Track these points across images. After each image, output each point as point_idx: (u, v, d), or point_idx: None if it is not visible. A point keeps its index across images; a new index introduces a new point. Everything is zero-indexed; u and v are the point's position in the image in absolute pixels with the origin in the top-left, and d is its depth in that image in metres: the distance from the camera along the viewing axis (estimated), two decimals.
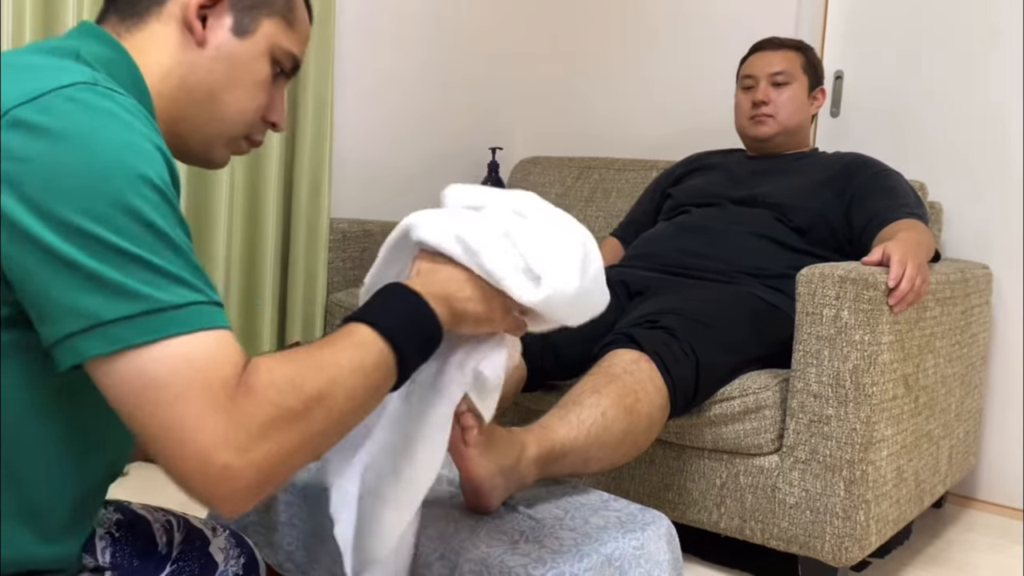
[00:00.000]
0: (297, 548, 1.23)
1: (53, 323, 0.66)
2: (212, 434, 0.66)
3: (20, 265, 0.66)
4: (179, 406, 0.65)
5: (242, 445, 0.67)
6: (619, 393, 1.43)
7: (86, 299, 0.65)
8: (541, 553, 1.04)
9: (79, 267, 0.65)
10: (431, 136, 2.99)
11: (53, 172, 0.66)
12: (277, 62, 0.91)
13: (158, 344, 0.66)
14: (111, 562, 0.89)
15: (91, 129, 0.68)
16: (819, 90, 2.19)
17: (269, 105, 0.92)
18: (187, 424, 0.65)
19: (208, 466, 0.66)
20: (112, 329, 0.65)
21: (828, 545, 1.61)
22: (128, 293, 0.66)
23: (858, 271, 1.59)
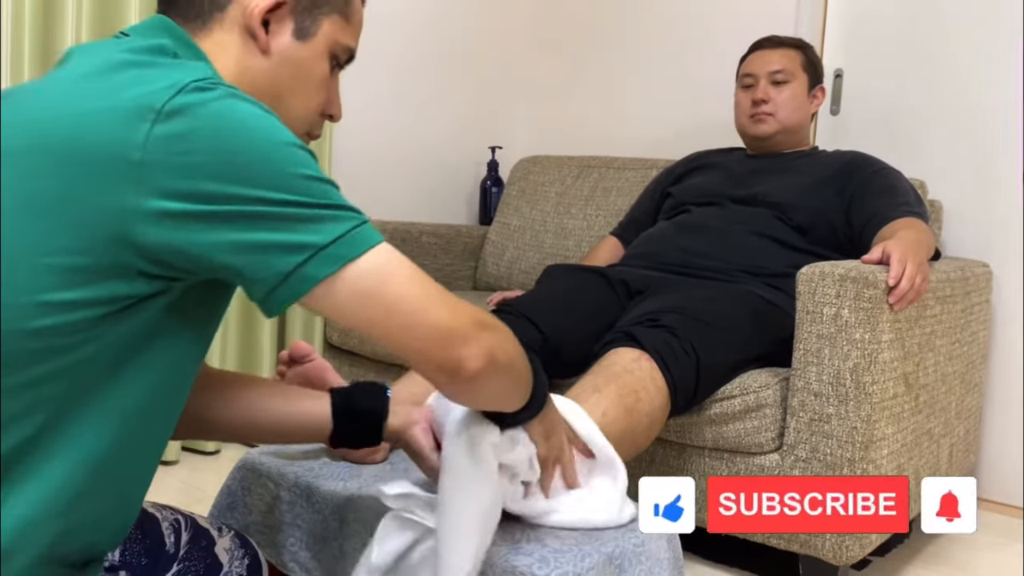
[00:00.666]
0: (300, 549, 1.23)
1: (270, 266, 0.72)
2: (455, 306, 0.79)
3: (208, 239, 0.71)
4: (416, 287, 0.77)
5: (478, 316, 0.81)
6: (620, 392, 1.43)
7: (298, 233, 0.73)
8: (543, 552, 1.04)
9: (279, 217, 0.72)
10: (431, 135, 2.99)
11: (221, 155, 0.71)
12: (334, 57, 0.92)
13: (368, 254, 0.75)
14: (121, 560, 0.89)
15: (233, 114, 0.73)
16: (819, 88, 2.19)
17: (327, 100, 0.94)
18: (436, 304, 0.77)
19: (463, 327, 0.78)
20: (329, 250, 0.73)
21: (829, 543, 1.61)
22: (328, 219, 0.74)
23: (858, 270, 1.59)
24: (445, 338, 0.77)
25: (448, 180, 3.10)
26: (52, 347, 0.71)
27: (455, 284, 2.87)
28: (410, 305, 0.76)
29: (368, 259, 0.75)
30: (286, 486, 1.26)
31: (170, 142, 0.70)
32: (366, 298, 0.75)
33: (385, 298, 0.76)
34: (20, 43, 1.99)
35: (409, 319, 0.76)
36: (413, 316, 0.76)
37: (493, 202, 3.05)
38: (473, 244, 2.93)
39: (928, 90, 2.41)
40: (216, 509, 1.34)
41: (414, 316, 0.77)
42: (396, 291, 0.76)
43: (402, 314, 0.76)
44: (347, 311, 0.76)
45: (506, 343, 0.84)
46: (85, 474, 0.75)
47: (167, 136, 0.70)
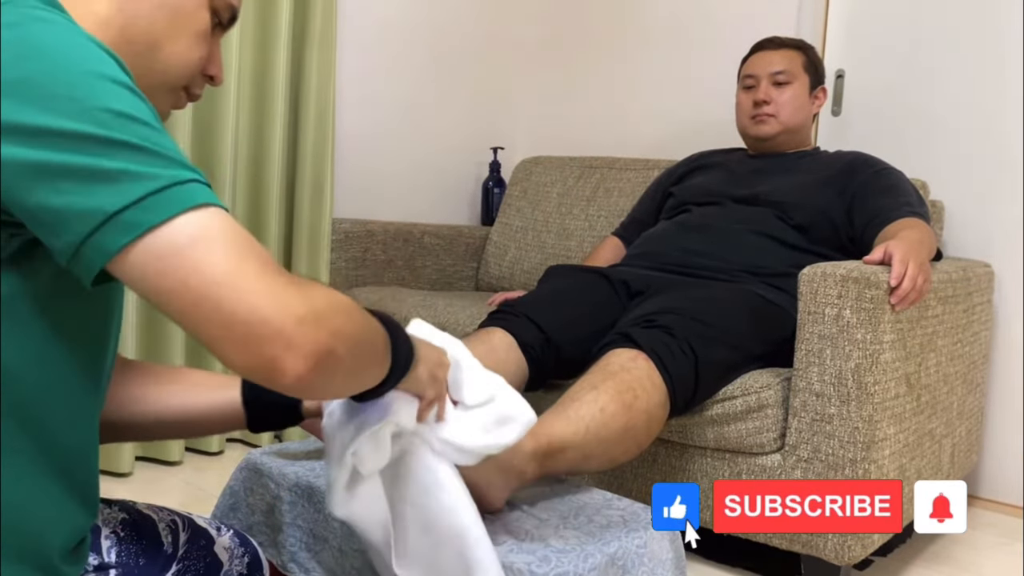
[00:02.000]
0: (301, 549, 1.23)
1: (67, 232, 0.64)
2: (277, 288, 0.65)
3: (13, 188, 0.64)
4: (236, 265, 0.64)
5: (312, 302, 0.66)
6: (617, 389, 1.43)
7: (91, 197, 0.63)
8: (546, 552, 1.04)
9: (74, 168, 0.63)
10: (433, 136, 3.00)
11: (19, 84, 0.64)
12: (216, 12, 0.88)
13: (181, 217, 0.64)
14: (116, 561, 0.89)
15: (44, 37, 0.67)
16: (820, 89, 2.19)
17: (208, 57, 0.89)
18: (249, 280, 0.64)
19: (277, 318, 0.64)
20: (128, 214, 0.63)
21: (831, 543, 1.61)
22: (130, 177, 0.64)
23: (860, 270, 1.59)
24: (253, 333, 0.63)
25: (450, 181, 3.10)
26: None
27: (457, 285, 2.87)
28: (216, 289, 0.63)
29: (174, 228, 0.64)
30: (287, 486, 1.26)
31: None
32: (163, 276, 0.63)
33: (183, 270, 0.63)
34: None
35: (207, 301, 0.63)
36: (217, 303, 0.63)
37: (495, 203, 3.06)
38: (475, 245, 2.93)
39: (929, 91, 2.41)
40: (219, 510, 1.34)
41: (215, 299, 0.63)
42: (199, 263, 0.63)
43: (205, 300, 0.63)
44: (145, 289, 0.64)
45: (348, 324, 0.70)
46: None
47: None
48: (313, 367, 0.65)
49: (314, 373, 0.66)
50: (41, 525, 0.75)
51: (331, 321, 0.68)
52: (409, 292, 2.46)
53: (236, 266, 0.64)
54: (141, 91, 0.76)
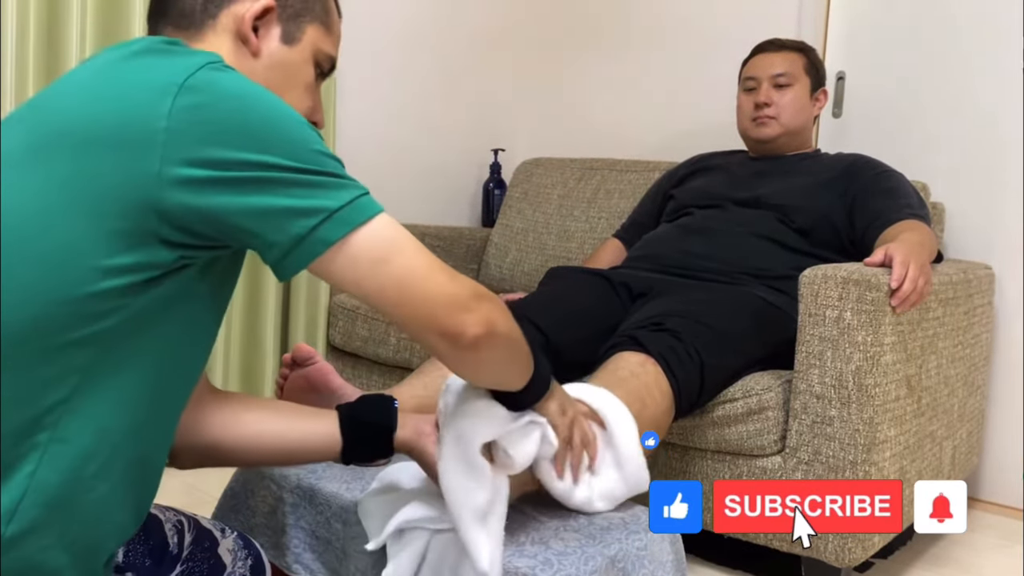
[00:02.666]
0: (304, 551, 1.23)
1: (285, 230, 0.77)
2: (457, 278, 0.84)
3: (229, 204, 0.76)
4: (420, 255, 0.82)
5: (477, 289, 0.85)
6: (626, 399, 1.43)
7: (311, 198, 0.77)
8: (547, 555, 1.04)
9: (300, 182, 0.77)
10: (434, 138, 3.00)
11: (241, 125, 0.76)
12: (318, 64, 0.98)
13: (374, 221, 0.80)
14: (124, 561, 0.90)
15: (248, 90, 0.80)
16: (821, 91, 2.19)
17: (314, 106, 0.99)
18: (432, 268, 0.82)
19: (463, 296, 0.83)
20: (340, 215, 0.78)
21: (832, 546, 1.61)
22: (339, 186, 0.79)
23: (861, 272, 1.59)
24: (448, 304, 0.82)
25: (451, 182, 3.10)
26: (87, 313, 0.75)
27: None
28: (417, 272, 0.81)
29: (375, 226, 0.79)
30: (288, 488, 1.26)
31: (192, 112, 0.75)
32: (376, 264, 0.79)
33: (393, 265, 0.80)
34: (24, 56, 1.99)
35: (416, 285, 0.80)
36: (420, 283, 0.81)
37: (496, 204, 3.06)
38: (476, 246, 2.93)
39: (930, 93, 2.41)
40: (220, 511, 1.34)
41: (421, 283, 0.81)
42: (403, 259, 0.80)
43: (409, 281, 0.80)
44: (356, 276, 0.79)
45: (504, 315, 0.88)
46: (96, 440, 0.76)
47: (190, 107, 0.75)
48: (484, 332, 0.84)
49: (485, 337, 0.84)
50: (106, 527, 0.80)
51: (494, 305, 0.87)
52: None
53: (427, 261, 0.82)
54: None
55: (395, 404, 1.10)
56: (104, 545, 0.80)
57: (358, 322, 2.40)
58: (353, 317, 2.42)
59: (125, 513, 0.81)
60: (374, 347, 2.36)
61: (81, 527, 0.76)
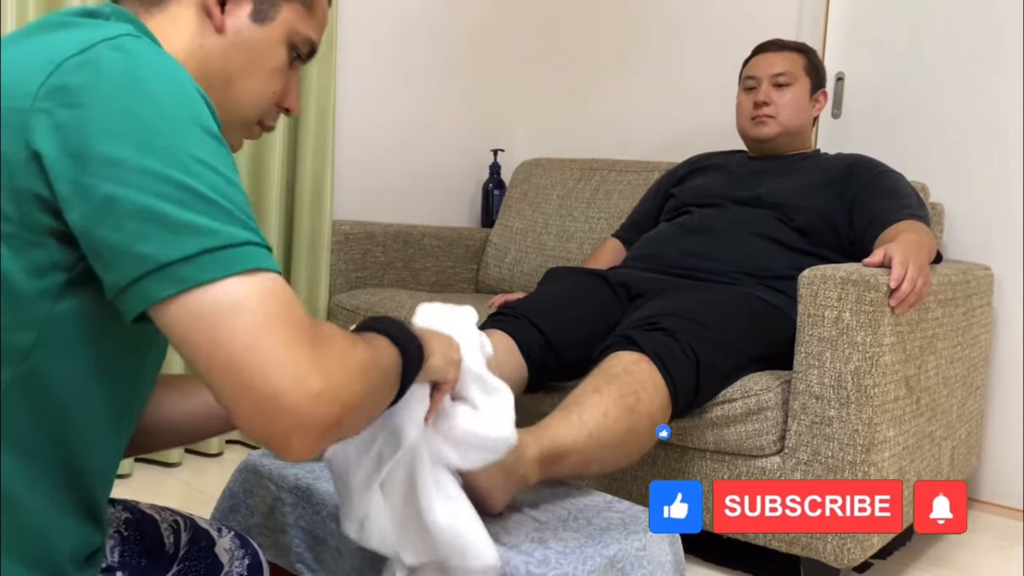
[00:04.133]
0: (304, 550, 1.23)
1: (117, 270, 0.65)
2: (298, 364, 0.65)
3: (83, 217, 0.66)
4: (265, 336, 0.65)
5: (329, 376, 0.66)
6: (620, 393, 1.43)
7: (148, 242, 0.64)
8: (546, 554, 1.04)
9: (139, 207, 0.64)
10: (433, 138, 3.00)
11: (110, 118, 0.66)
12: (294, 47, 0.90)
13: (229, 280, 0.65)
14: (119, 561, 0.89)
15: (144, 76, 0.69)
16: (821, 92, 2.19)
17: (284, 90, 0.91)
18: (275, 353, 0.64)
19: (293, 395, 0.64)
20: (179, 269, 0.64)
21: (831, 546, 1.61)
22: (190, 229, 0.65)
23: (860, 273, 1.59)
24: (268, 406, 0.65)
25: (450, 183, 3.10)
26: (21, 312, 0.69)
27: (457, 286, 2.87)
28: (241, 351, 0.64)
29: (221, 287, 0.65)
30: (287, 488, 1.26)
31: (60, 93, 0.67)
32: (196, 324, 0.65)
33: (215, 333, 0.64)
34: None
35: (232, 367, 0.64)
36: (237, 367, 0.64)
37: (495, 204, 3.06)
38: (475, 247, 2.93)
39: (930, 93, 2.41)
40: (218, 512, 1.34)
41: (239, 367, 0.64)
42: (231, 330, 0.64)
43: (225, 358, 0.64)
44: (177, 340, 0.66)
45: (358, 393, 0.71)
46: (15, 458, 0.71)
47: (58, 87, 0.67)
48: (318, 442, 0.67)
49: (318, 446, 0.68)
50: (52, 533, 0.75)
51: (346, 392, 0.68)
52: (409, 294, 2.47)
53: (262, 338, 0.65)
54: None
55: None
56: (61, 549, 0.76)
57: (357, 322, 2.40)
58: (353, 317, 2.42)
59: (73, 518, 0.77)
60: None
61: (26, 540, 0.73)
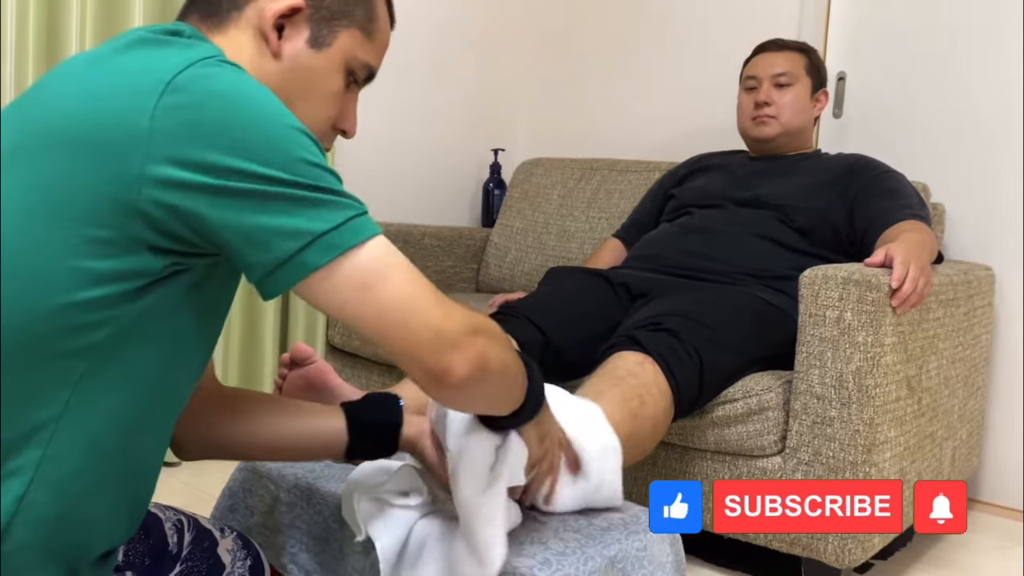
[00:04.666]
0: (300, 551, 1.23)
1: (274, 248, 0.72)
2: (449, 309, 0.77)
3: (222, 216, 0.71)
4: (411, 285, 0.75)
5: (471, 322, 0.78)
6: (624, 397, 1.43)
7: (300, 219, 0.72)
8: (546, 555, 1.04)
9: (286, 197, 0.72)
10: (433, 137, 3.00)
11: (228, 134, 0.71)
12: (352, 72, 0.91)
13: (366, 245, 0.74)
14: (124, 560, 0.89)
15: (249, 93, 0.74)
16: (822, 92, 2.19)
17: (341, 114, 0.93)
18: (422, 299, 0.75)
19: (451, 332, 0.76)
20: (327, 238, 0.72)
21: (831, 547, 1.61)
22: (330, 206, 0.73)
23: (861, 273, 1.59)
24: (435, 341, 0.75)
25: (451, 182, 3.10)
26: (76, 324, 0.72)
27: (457, 286, 2.87)
28: (403, 304, 0.75)
29: (366, 251, 0.74)
30: (286, 487, 1.26)
31: (177, 112, 0.71)
32: (360, 291, 0.74)
33: (379, 294, 0.74)
34: (24, 50, 1.99)
35: (401, 318, 0.75)
36: (405, 316, 0.75)
37: (496, 204, 3.06)
38: (476, 246, 2.93)
39: (931, 93, 2.41)
40: (218, 511, 1.34)
41: (406, 316, 0.75)
42: (391, 288, 0.74)
43: (394, 312, 0.74)
44: (339, 303, 0.74)
45: (499, 348, 0.82)
46: (88, 457, 0.74)
47: (175, 106, 0.71)
48: (473, 371, 0.77)
49: (473, 377, 0.77)
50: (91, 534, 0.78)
51: (489, 339, 0.80)
52: None
53: (417, 291, 0.76)
54: None
55: (400, 403, 1.09)
56: (93, 550, 0.79)
57: None
58: None
59: (117, 521, 0.80)
60: (373, 347, 2.36)
61: (70, 540, 0.75)
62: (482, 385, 0.80)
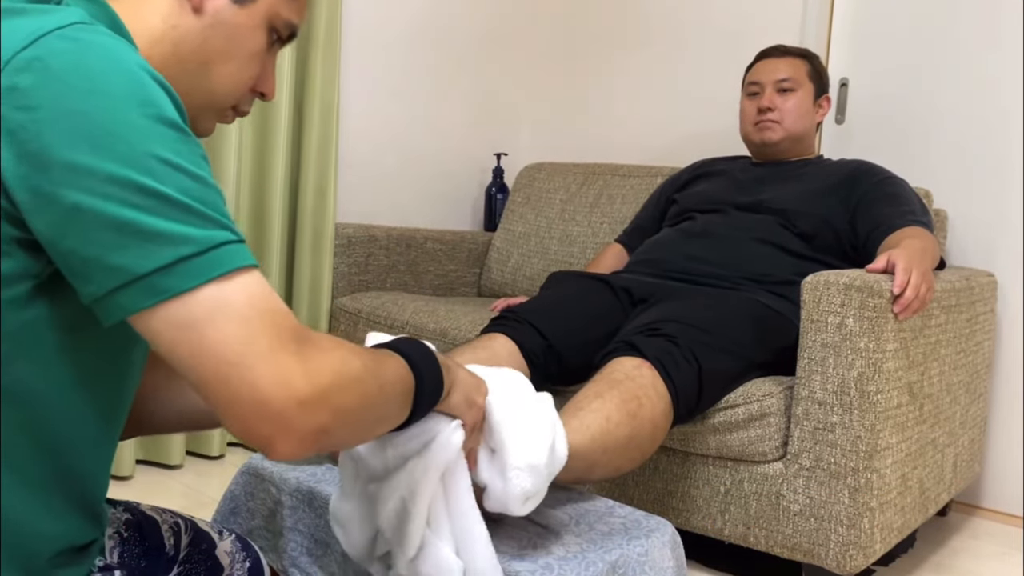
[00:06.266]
0: (301, 554, 1.23)
1: (92, 282, 0.63)
2: (284, 370, 0.63)
3: (48, 226, 0.63)
4: (250, 344, 0.63)
5: (313, 385, 0.65)
6: (622, 398, 1.43)
7: (121, 253, 0.62)
8: (548, 560, 1.04)
9: (110, 220, 0.62)
10: (436, 141, 3.00)
11: (65, 121, 0.63)
12: (274, 30, 0.86)
13: (208, 287, 0.63)
14: (119, 561, 0.89)
15: (97, 71, 0.64)
16: (824, 98, 2.20)
17: (261, 75, 0.88)
18: (259, 360, 0.63)
19: (279, 401, 0.63)
20: (155, 279, 0.62)
21: (832, 553, 1.61)
22: (163, 238, 0.62)
23: (863, 279, 1.59)
24: (253, 412, 0.64)
25: (453, 186, 3.10)
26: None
27: (459, 290, 2.87)
28: (224, 363, 0.63)
29: (200, 295, 0.63)
30: (288, 491, 1.26)
31: (11, 95, 0.63)
32: (178, 336, 0.63)
33: (197, 344, 0.63)
34: None
35: (217, 376, 0.63)
36: (223, 376, 0.63)
37: (498, 208, 3.06)
38: (478, 250, 2.93)
39: (933, 99, 2.41)
40: (219, 514, 1.34)
41: (224, 376, 0.63)
42: (213, 340, 0.63)
43: (209, 368, 0.63)
44: (156, 344, 0.64)
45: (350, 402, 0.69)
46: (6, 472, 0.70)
47: (9, 89, 0.63)
48: (305, 447, 0.66)
49: (305, 451, 0.66)
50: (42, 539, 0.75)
51: (335, 399, 0.67)
52: (411, 297, 2.47)
53: (247, 346, 0.63)
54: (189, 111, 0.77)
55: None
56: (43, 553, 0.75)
57: (360, 325, 2.40)
58: (355, 320, 2.42)
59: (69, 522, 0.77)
60: None
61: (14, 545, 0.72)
62: (326, 447, 0.69)
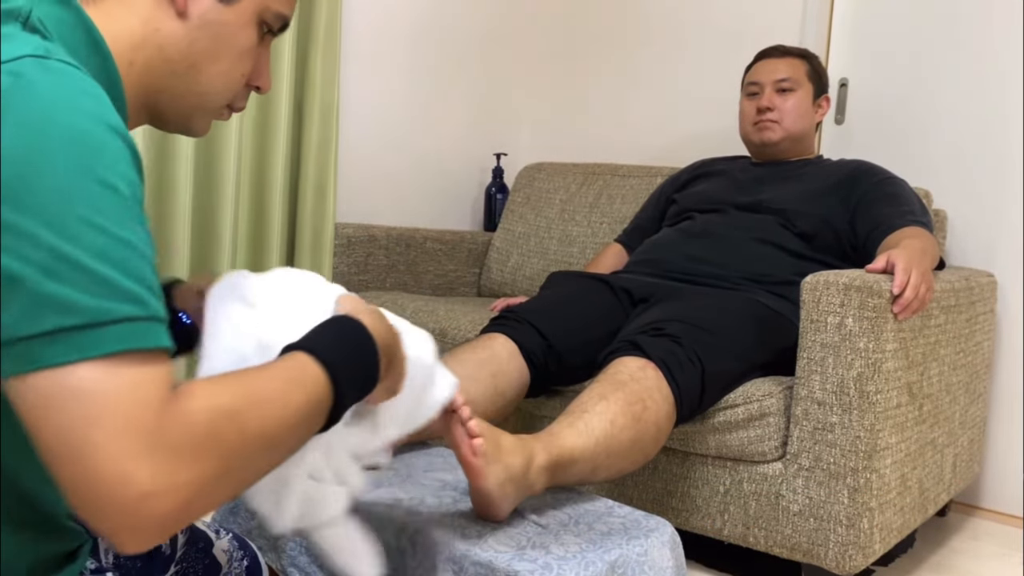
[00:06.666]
0: (300, 553, 1.23)
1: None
2: (131, 464, 0.57)
3: None
4: (99, 434, 0.56)
5: (164, 470, 0.58)
6: (627, 401, 1.43)
7: (6, 311, 0.57)
8: (547, 559, 1.04)
9: (3, 273, 0.57)
10: (436, 142, 3.00)
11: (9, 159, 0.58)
12: (265, 23, 0.83)
13: (82, 365, 0.57)
14: (115, 563, 0.89)
15: (36, 118, 0.59)
16: (823, 98, 2.20)
17: (254, 70, 0.85)
18: (104, 454, 0.56)
19: (120, 499, 0.57)
20: (32, 346, 0.57)
21: (832, 553, 1.60)
22: (52, 303, 0.57)
23: (863, 279, 1.59)
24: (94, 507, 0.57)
25: (453, 186, 3.10)
26: None
27: (459, 290, 2.87)
28: (71, 440, 0.56)
29: (73, 372, 0.57)
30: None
31: None
32: (41, 409, 0.57)
33: (58, 425, 0.56)
34: None
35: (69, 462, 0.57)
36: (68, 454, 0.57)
37: (498, 208, 3.06)
38: (477, 250, 2.93)
39: (933, 100, 2.41)
40: (219, 514, 1.34)
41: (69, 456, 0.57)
42: (73, 425, 0.56)
43: (64, 452, 0.57)
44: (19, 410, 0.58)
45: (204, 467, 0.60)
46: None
47: None
48: (156, 538, 0.59)
49: (157, 541, 0.60)
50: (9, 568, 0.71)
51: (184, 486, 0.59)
52: (411, 297, 2.46)
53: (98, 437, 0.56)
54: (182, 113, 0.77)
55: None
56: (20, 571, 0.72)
57: None
58: None
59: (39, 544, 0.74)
60: None
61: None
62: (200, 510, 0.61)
